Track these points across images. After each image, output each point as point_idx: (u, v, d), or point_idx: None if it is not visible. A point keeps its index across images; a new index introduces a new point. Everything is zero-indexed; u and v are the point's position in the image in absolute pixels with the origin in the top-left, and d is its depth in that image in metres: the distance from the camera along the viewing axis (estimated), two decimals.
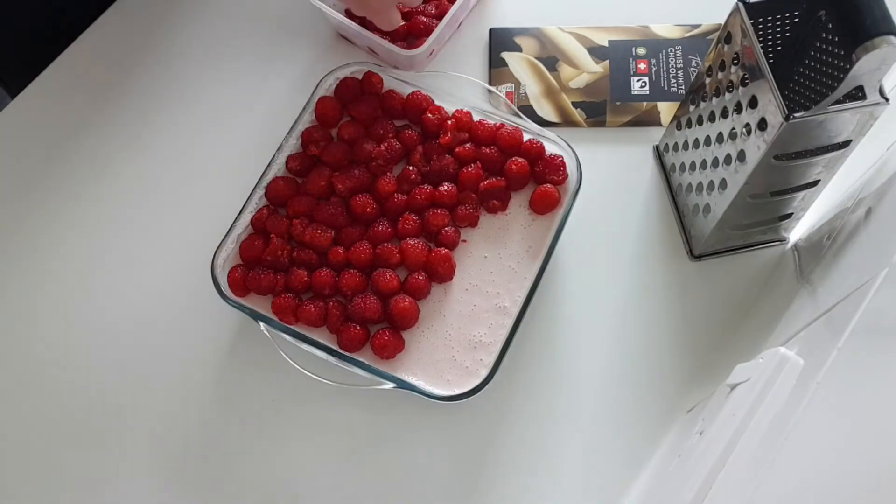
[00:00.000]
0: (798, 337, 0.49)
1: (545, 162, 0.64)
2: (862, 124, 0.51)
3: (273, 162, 0.65)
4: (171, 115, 0.73)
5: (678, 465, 0.51)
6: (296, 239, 0.63)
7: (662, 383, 0.62)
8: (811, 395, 0.40)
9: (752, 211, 0.59)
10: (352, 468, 0.61)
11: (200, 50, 0.76)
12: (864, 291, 0.43)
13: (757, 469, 0.42)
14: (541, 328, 0.64)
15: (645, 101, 0.71)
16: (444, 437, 0.61)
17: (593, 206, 0.67)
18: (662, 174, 0.69)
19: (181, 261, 0.67)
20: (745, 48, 0.53)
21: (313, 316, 0.60)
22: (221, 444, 0.62)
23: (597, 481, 0.60)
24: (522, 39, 0.74)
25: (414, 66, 0.72)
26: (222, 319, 0.65)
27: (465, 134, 0.66)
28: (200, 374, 0.64)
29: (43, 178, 0.71)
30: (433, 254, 0.62)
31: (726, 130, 0.57)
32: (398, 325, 0.61)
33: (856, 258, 0.50)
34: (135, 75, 0.75)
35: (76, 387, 0.64)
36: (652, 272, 0.66)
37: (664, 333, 0.64)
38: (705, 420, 0.50)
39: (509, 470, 0.61)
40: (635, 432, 0.61)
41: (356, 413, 0.62)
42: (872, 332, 0.40)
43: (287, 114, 0.68)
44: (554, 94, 0.72)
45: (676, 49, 0.72)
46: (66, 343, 0.65)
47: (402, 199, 0.64)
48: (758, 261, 0.66)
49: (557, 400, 0.62)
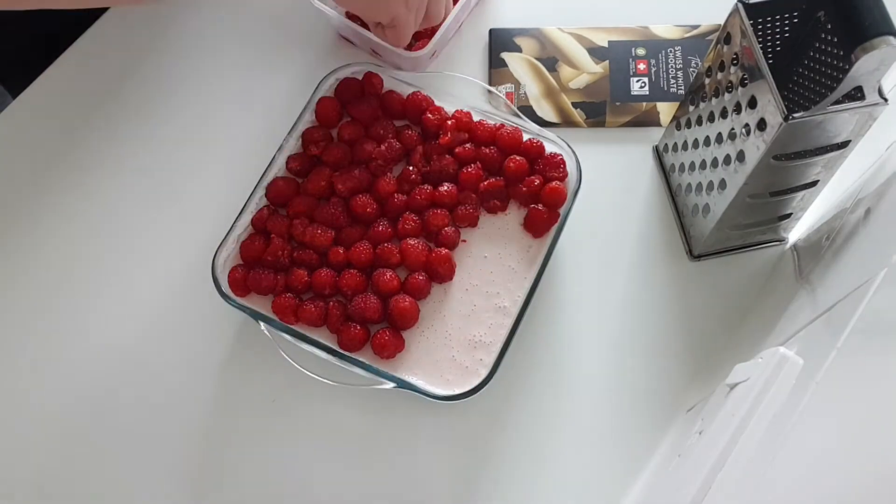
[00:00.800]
0: (797, 337, 0.49)
1: (545, 160, 0.64)
2: (861, 125, 0.51)
3: (273, 162, 0.65)
4: (171, 116, 0.73)
5: (678, 464, 0.51)
6: (296, 239, 0.63)
7: (662, 383, 0.62)
8: (811, 394, 0.40)
9: (752, 211, 0.59)
10: (352, 468, 0.61)
11: (201, 50, 0.76)
12: (863, 291, 0.43)
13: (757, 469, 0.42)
14: (541, 328, 0.64)
15: (644, 101, 0.71)
16: (444, 437, 0.62)
17: (593, 207, 0.67)
18: (662, 174, 0.69)
19: (181, 261, 0.67)
20: (744, 49, 0.53)
21: (313, 316, 0.60)
22: (221, 444, 0.62)
23: (597, 481, 0.60)
24: (522, 40, 0.74)
25: (416, 67, 0.72)
26: (222, 319, 0.65)
27: (464, 134, 0.66)
28: (200, 373, 0.64)
29: (43, 178, 0.71)
30: (433, 254, 0.62)
31: (726, 131, 0.57)
32: (398, 325, 0.61)
33: (855, 258, 0.50)
34: (135, 76, 0.75)
35: (75, 387, 0.64)
36: (652, 272, 0.66)
37: (664, 333, 0.64)
38: (705, 420, 0.50)
39: (509, 470, 0.61)
40: (635, 432, 0.61)
41: (356, 413, 0.62)
42: (872, 331, 0.40)
43: (287, 114, 0.68)
44: (554, 94, 0.72)
45: (676, 49, 0.72)
46: (65, 343, 0.65)
47: (402, 199, 0.64)
48: (757, 261, 0.66)
49: (557, 399, 0.62)
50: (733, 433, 0.44)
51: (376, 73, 0.68)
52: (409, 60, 0.70)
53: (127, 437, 0.62)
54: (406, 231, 0.63)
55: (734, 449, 0.43)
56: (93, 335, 0.65)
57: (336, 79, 0.68)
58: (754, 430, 0.43)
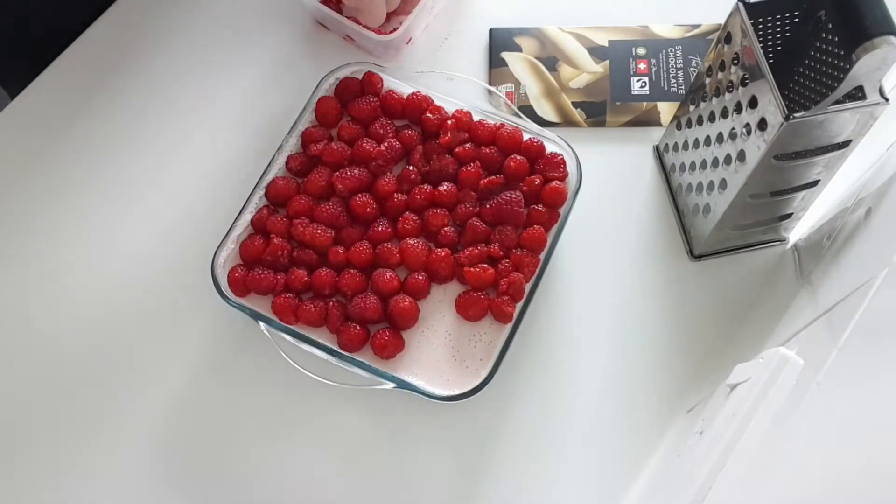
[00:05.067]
0: (798, 337, 0.49)
1: (545, 160, 0.64)
2: (862, 124, 0.51)
3: (273, 162, 0.65)
4: (171, 115, 0.73)
5: (678, 465, 0.51)
6: (296, 239, 0.63)
7: (662, 383, 0.62)
8: (811, 395, 0.40)
9: (752, 211, 0.59)
10: (351, 468, 0.61)
11: (200, 49, 0.76)
12: (864, 291, 0.43)
13: (757, 469, 0.42)
14: (541, 328, 0.64)
15: (645, 101, 0.71)
16: (444, 437, 0.61)
17: (593, 206, 0.67)
18: (662, 174, 0.69)
19: (181, 261, 0.67)
20: (745, 48, 0.53)
21: (313, 316, 0.60)
22: (221, 444, 0.62)
23: (597, 481, 0.60)
24: (522, 39, 0.74)
25: (390, 54, 0.72)
26: (222, 319, 0.65)
27: (464, 134, 0.66)
28: (200, 373, 0.64)
29: (43, 179, 0.71)
30: (433, 254, 0.62)
31: (726, 130, 0.57)
32: (398, 325, 0.61)
33: (856, 258, 0.50)
34: (134, 75, 0.75)
35: (74, 386, 0.64)
36: (652, 272, 0.66)
37: (664, 333, 0.64)
38: (705, 420, 0.50)
39: (509, 470, 0.61)
40: (635, 432, 0.61)
41: (356, 413, 0.62)
42: (872, 332, 0.40)
43: (287, 114, 0.68)
44: (554, 94, 0.72)
45: (676, 49, 0.72)
46: (64, 343, 0.65)
47: (401, 199, 0.64)
48: (758, 261, 0.66)
49: (557, 399, 0.62)
50: (734, 433, 0.44)
51: (376, 72, 0.68)
52: (381, 45, 0.70)
53: (126, 438, 0.62)
54: (406, 231, 0.63)
55: (734, 449, 0.43)
56: (92, 335, 0.65)
57: (336, 78, 0.68)
58: (755, 430, 0.43)
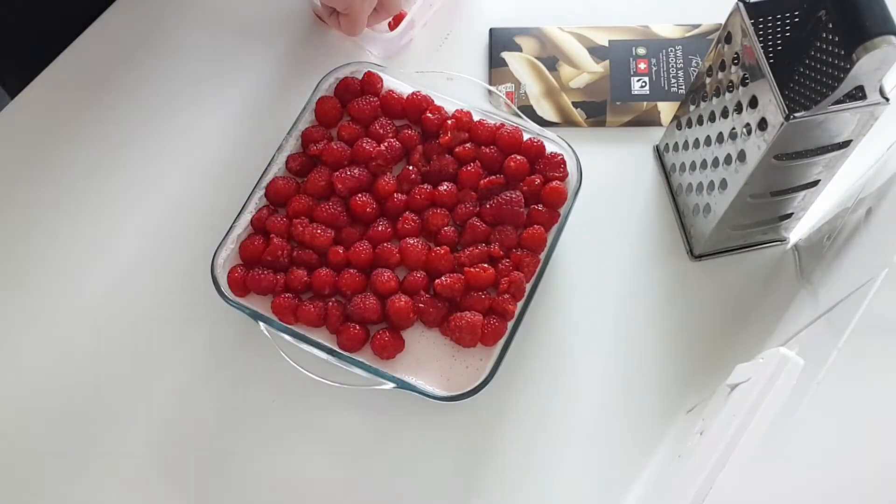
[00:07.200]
0: (798, 337, 0.49)
1: (545, 160, 0.64)
2: (862, 124, 0.51)
3: (273, 162, 0.65)
4: (170, 115, 0.73)
5: (678, 465, 0.51)
6: (296, 239, 0.63)
7: (662, 383, 0.62)
8: (811, 395, 0.40)
9: (753, 211, 0.59)
10: (351, 468, 0.61)
11: (199, 48, 0.76)
12: (864, 291, 0.43)
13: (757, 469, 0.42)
14: (541, 328, 0.64)
15: (645, 101, 0.71)
16: (444, 437, 0.61)
17: (593, 206, 0.67)
18: (662, 174, 0.69)
19: (181, 261, 0.67)
20: (745, 48, 0.53)
21: (313, 316, 0.60)
22: (221, 445, 0.62)
23: (597, 481, 0.60)
24: (522, 39, 0.74)
25: (388, 51, 0.73)
26: (222, 319, 0.65)
27: (464, 134, 0.66)
28: (200, 374, 0.64)
29: (42, 178, 0.71)
30: (433, 253, 0.62)
31: (726, 130, 0.57)
32: (395, 325, 0.61)
33: (856, 258, 0.50)
34: (134, 75, 0.75)
35: (74, 387, 0.64)
36: (652, 272, 0.66)
37: (664, 333, 0.64)
38: (705, 420, 0.50)
39: (509, 470, 0.60)
40: (635, 432, 0.61)
41: (356, 413, 0.62)
42: (873, 332, 0.40)
43: (287, 114, 0.68)
44: (554, 94, 0.72)
45: (676, 49, 0.72)
46: (64, 343, 0.65)
47: (401, 198, 0.64)
48: (758, 261, 0.66)
49: (557, 400, 0.62)
50: (734, 434, 0.43)
51: (376, 72, 0.68)
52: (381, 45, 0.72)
53: (126, 438, 0.62)
54: (406, 231, 0.63)
55: (735, 449, 0.43)
56: (92, 334, 0.65)
57: (336, 78, 0.68)
58: (755, 430, 0.43)
